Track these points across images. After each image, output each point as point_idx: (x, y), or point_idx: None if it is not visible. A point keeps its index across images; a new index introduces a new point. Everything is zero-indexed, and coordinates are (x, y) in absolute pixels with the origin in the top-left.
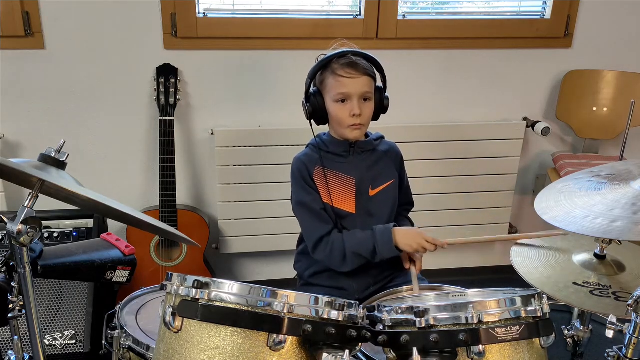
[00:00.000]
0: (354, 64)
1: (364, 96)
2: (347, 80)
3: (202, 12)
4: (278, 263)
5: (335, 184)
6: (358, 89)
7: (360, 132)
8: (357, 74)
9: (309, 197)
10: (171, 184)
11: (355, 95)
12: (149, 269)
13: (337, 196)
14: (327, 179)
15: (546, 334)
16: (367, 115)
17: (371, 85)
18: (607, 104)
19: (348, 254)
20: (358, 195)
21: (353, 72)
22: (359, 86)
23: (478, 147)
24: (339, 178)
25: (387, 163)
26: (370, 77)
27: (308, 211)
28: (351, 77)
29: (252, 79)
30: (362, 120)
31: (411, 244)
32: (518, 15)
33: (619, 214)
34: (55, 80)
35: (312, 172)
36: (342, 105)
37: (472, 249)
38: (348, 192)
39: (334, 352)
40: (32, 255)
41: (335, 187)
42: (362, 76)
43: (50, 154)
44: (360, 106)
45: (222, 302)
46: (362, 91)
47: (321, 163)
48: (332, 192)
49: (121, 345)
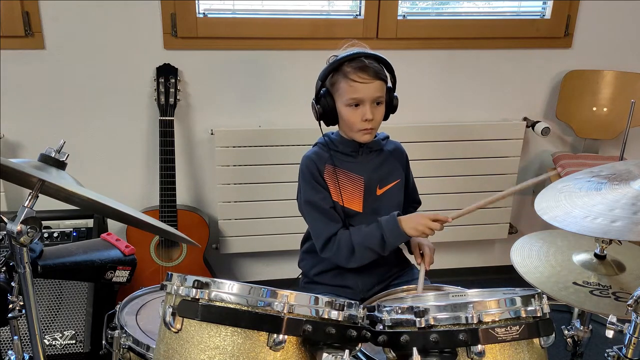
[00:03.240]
0: (367, 68)
1: (376, 100)
2: (360, 85)
3: (202, 12)
4: (278, 263)
5: (345, 183)
6: (371, 93)
7: (370, 135)
8: (370, 78)
9: (318, 195)
10: (171, 184)
11: (368, 100)
12: (149, 269)
13: (345, 194)
14: (337, 177)
15: (546, 333)
16: (378, 119)
17: (383, 89)
18: (607, 104)
19: (356, 248)
20: (366, 194)
21: (366, 76)
22: (371, 91)
23: (478, 147)
24: (349, 177)
25: (393, 163)
26: (382, 81)
27: (317, 210)
28: (364, 81)
29: (252, 79)
30: (373, 125)
31: (416, 227)
32: (518, 15)
33: (619, 214)
34: (55, 80)
35: (322, 170)
36: (354, 109)
37: (472, 249)
38: (357, 191)
39: (334, 352)
40: (32, 255)
41: (344, 186)
42: (375, 80)
43: (50, 154)
44: (372, 110)
45: (222, 302)
46: (375, 96)
47: (332, 162)
48: (342, 191)
49: (121, 345)
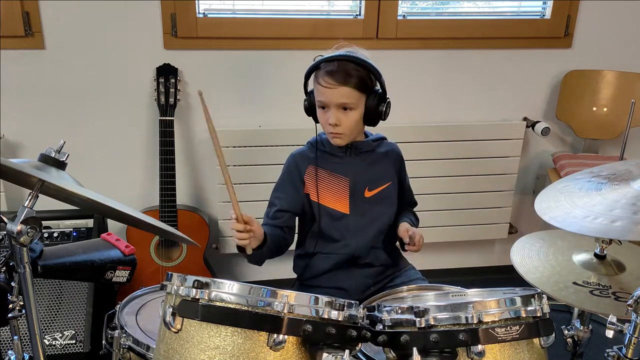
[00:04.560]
0: (334, 73)
1: (342, 106)
2: (325, 90)
3: (202, 12)
4: (278, 263)
5: (328, 183)
6: (335, 99)
7: (340, 140)
8: (335, 84)
9: (278, 192)
10: (171, 184)
11: (332, 105)
12: (149, 269)
13: (328, 196)
14: (319, 178)
15: (546, 333)
16: (347, 124)
17: (352, 96)
18: (607, 104)
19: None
20: (352, 196)
21: (331, 81)
22: (335, 96)
23: (478, 147)
24: (333, 178)
25: (386, 165)
26: (354, 87)
27: (270, 202)
28: (329, 86)
29: (252, 79)
30: (340, 130)
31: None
32: (518, 15)
33: (619, 214)
34: (55, 80)
35: (303, 171)
36: (323, 111)
37: (472, 249)
38: (342, 192)
39: (334, 352)
40: (32, 255)
41: (328, 187)
42: (340, 86)
43: (50, 154)
44: (337, 116)
45: (222, 302)
46: (339, 102)
47: (315, 162)
48: (323, 191)
49: (121, 345)
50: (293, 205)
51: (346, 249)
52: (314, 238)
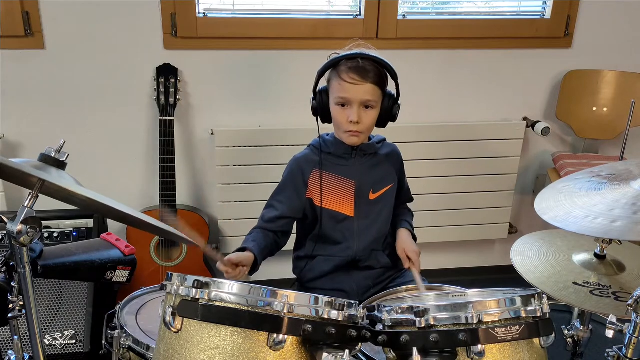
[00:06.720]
0: (360, 70)
1: (365, 104)
2: (349, 86)
3: (202, 12)
4: (278, 263)
5: (333, 186)
6: (359, 96)
7: (358, 139)
8: (361, 80)
9: (279, 196)
10: (171, 184)
11: (355, 102)
12: (149, 269)
13: (333, 198)
14: (323, 182)
15: (546, 333)
16: (367, 123)
17: (375, 93)
18: (607, 104)
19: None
20: (357, 198)
21: (357, 77)
22: (360, 93)
23: (478, 147)
24: (339, 181)
25: (388, 166)
26: (376, 85)
27: (270, 201)
28: (354, 82)
29: (252, 79)
30: (360, 128)
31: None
32: (518, 15)
33: (619, 214)
34: (55, 80)
35: (307, 175)
36: (342, 109)
37: (472, 249)
38: (347, 195)
39: (334, 352)
40: (32, 255)
41: (333, 190)
42: (366, 83)
43: (50, 154)
44: (359, 113)
45: (222, 302)
46: (363, 99)
47: (320, 166)
48: (327, 194)
49: (121, 345)
50: (294, 210)
51: (348, 252)
52: (314, 240)
